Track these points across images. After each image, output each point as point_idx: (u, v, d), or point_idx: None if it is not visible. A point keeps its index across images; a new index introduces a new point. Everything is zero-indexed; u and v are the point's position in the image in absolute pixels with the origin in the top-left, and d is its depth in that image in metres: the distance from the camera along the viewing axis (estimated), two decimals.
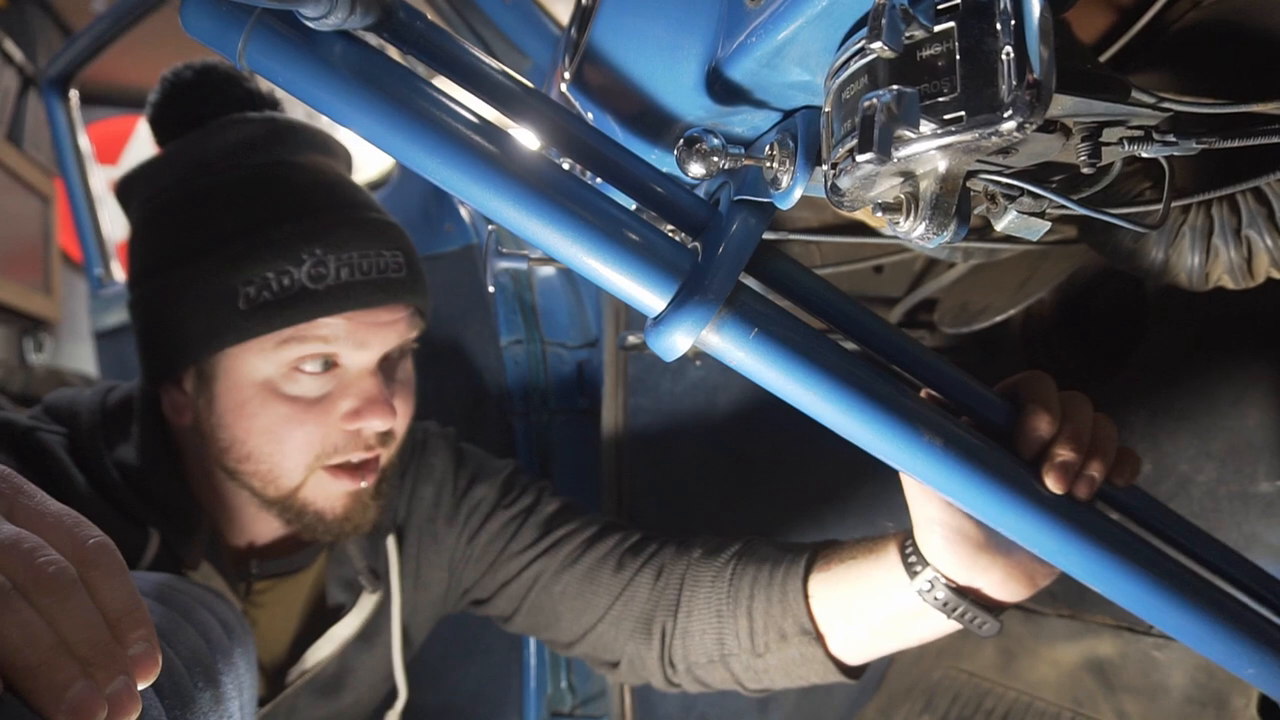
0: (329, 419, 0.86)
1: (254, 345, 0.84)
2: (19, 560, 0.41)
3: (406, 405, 0.93)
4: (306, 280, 0.84)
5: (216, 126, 0.94)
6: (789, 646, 0.86)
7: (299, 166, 0.91)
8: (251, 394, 0.85)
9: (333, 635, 0.98)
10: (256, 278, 0.83)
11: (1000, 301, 1.02)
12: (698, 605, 0.93)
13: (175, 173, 0.92)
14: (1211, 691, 0.96)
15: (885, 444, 0.51)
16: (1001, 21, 0.34)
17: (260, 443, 0.86)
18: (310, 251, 0.84)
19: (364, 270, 0.86)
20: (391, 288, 0.88)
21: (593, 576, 0.99)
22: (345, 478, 0.88)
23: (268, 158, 0.91)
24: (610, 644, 0.98)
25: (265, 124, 0.94)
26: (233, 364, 0.85)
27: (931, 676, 1.28)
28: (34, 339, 3.70)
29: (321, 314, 0.84)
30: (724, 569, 0.93)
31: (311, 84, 0.46)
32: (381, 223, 0.91)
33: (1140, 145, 0.45)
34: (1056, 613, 1.15)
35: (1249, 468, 0.91)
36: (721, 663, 0.92)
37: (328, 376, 0.87)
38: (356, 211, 0.90)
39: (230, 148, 0.91)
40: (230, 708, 0.60)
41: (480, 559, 1.05)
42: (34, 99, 3.56)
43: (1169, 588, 0.54)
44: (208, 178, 0.90)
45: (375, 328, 0.87)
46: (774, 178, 0.48)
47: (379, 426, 0.88)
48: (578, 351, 1.30)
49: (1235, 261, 0.63)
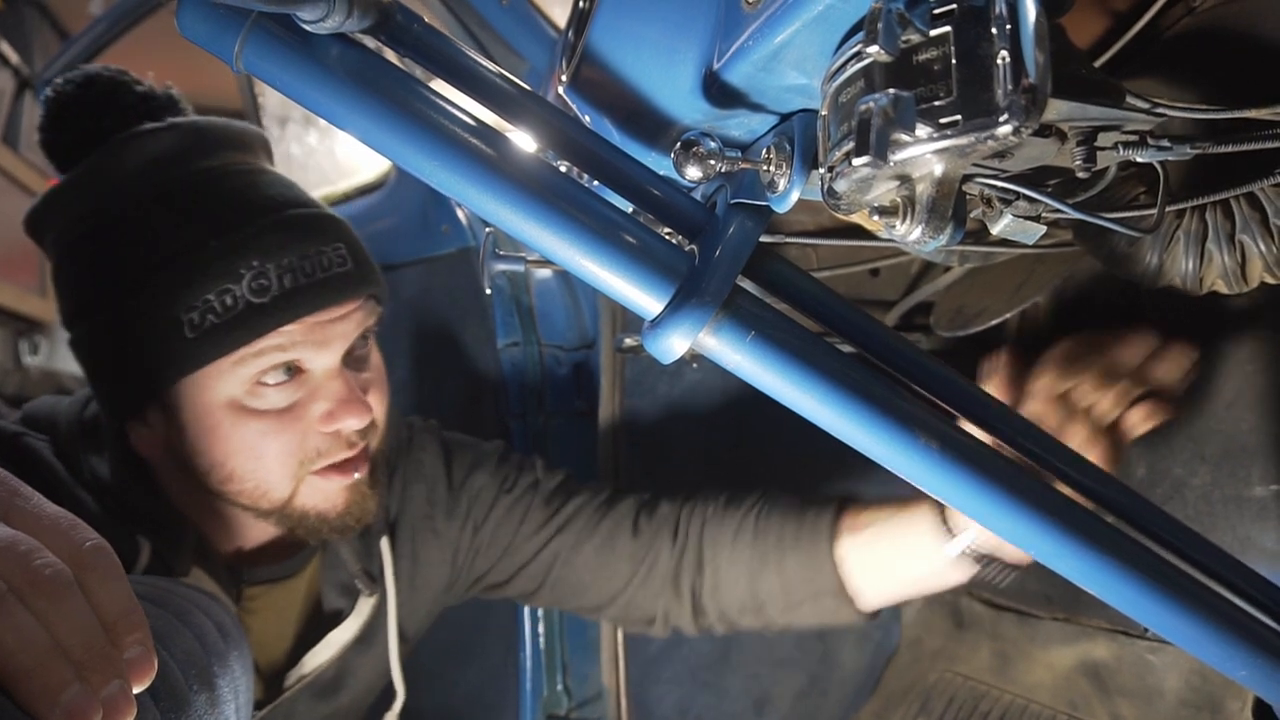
0: (304, 425, 0.84)
1: (211, 369, 0.81)
2: (15, 563, 0.41)
3: (380, 393, 0.92)
4: (250, 295, 0.80)
5: (119, 143, 0.86)
6: (822, 602, 0.93)
7: (216, 173, 0.85)
8: (220, 416, 0.82)
9: (331, 640, 0.98)
10: (198, 303, 0.79)
11: (996, 305, 1.02)
12: (723, 563, 0.97)
13: (84, 202, 0.86)
14: (1206, 695, 0.96)
15: (881, 447, 0.51)
16: (997, 26, 0.34)
17: (240, 462, 0.84)
18: (247, 265, 0.80)
19: (307, 272, 0.82)
20: (338, 284, 0.84)
21: (612, 545, 1.00)
22: (336, 475, 0.87)
23: (181, 170, 0.85)
24: (642, 604, 1.01)
25: (171, 133, 0.87)
26: (194, 390, 0.82)
27: (927, 679, 1.28)
28: (29, 341, 3.69)
29: (272, 326, 0.81)
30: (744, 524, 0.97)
31: (308, 87, 0.46)
32: (314, 217, 0.86)
33: (1135, 150, 0.45)
34: (1052, 616, 1.15)
35: (1243, 472, 0.91)
36: (754, 611, 0.97)
37: (294, 384, 0.84)
38: (286, 211, 0.85)
39: (136, 166, 0.85)
40: (226, 711, 0.60)
41: (491, 546, 1.05)
42: (30, 101, 3.55)
43: (1164, 591, 0.54)
44: (122, 203, 0.84)
45: (330, 326, 0.84)
46: (771, 181, 0.48)
47: (356, 425, 0.86)
48: (574, 354, 1.30)
49: (1229, 266, 0.64)
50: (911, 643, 1.36)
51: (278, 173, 0.91)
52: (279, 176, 0.90)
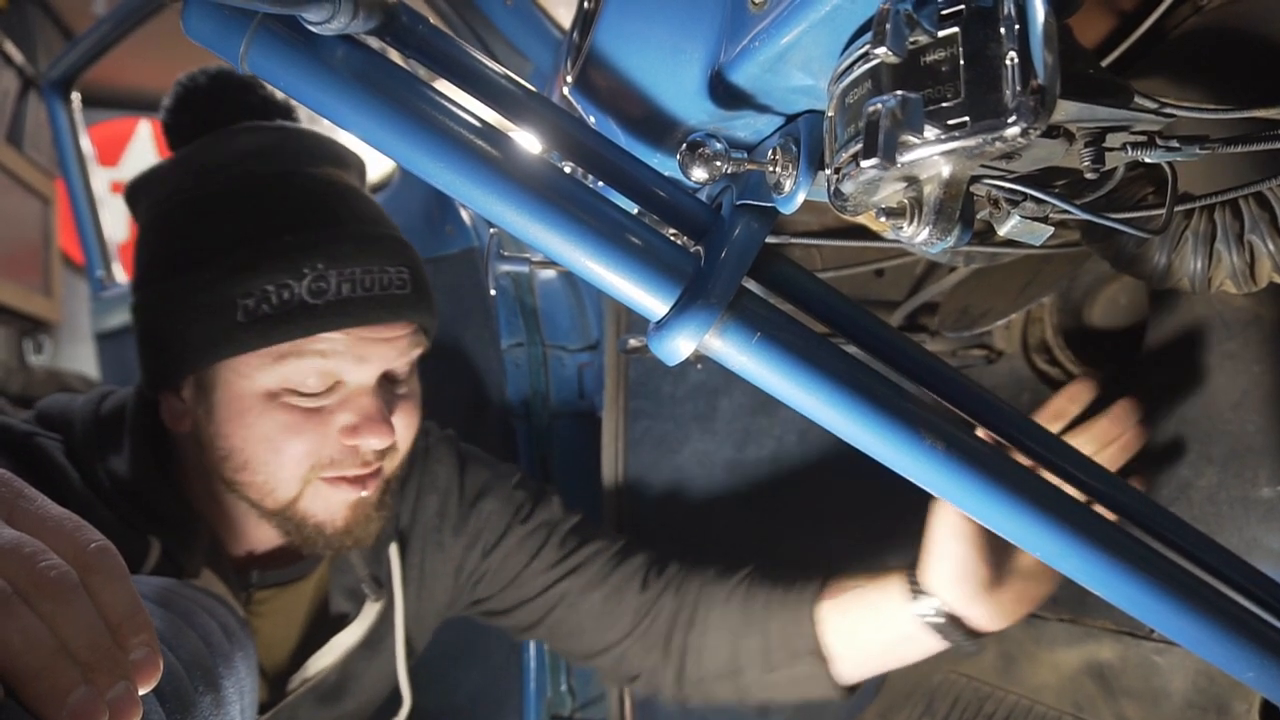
0: (326, 431, 0.85)
1: (253, 358, 0.83)
2: (20, 565, 0.41)
3: (409, 421, 0.92)
4: (306, 295, 0.82)
5: (226, 133, 0.92)
6: (799, 664, 0.94)
7: (306, 177, 0.89)
8: (250, 403, 0.84)
9: (336, 644, 0.98)
10: (255, 290, 0.82)
11: (1001, 305, 1.02)
12: (713, 623, 0.98)
13: (181, 178, 0.91)
14: (1212, 696, 0.95)
15: (887, 448, 0.51)
16: (1005, 27, 0.34)
17: (257, 451, 0.85)
18: (311, 265, 0.82)
19: (366, 286, 0.84)
20: (393, 304, 0.86)
21: (620, 595, 1.01)
22: (345, 487, 0.87)
23: (274, 167, 0.89)
24: (633, 659, 1.01)
25: (275, 132, 0.92)
26: (232, 374, 0.84)
27: (931, 680, 1.28)
28: (34, 340, 3.70)
29: (320, 329, 0.82)
30: (737, 589, 0.98)
31: (314, 88, 0.46)
32: (387, 238, 0.89)
33: (1143, 150, 0.45)
34: (1057, 617, 1.15)
35: (1250, 472, 0.91)
36: (731, 677, 0.97)
37: (327, 392, 0.85)
38: (361, 226, 0.88)
39: (237, 155, 0.90)
40: (231, 712, 0.60)
41: (498, 574, 1.06)
42: (34, 100, 3.56)
43: (1170, 592, 0.54)
44: (212, 185, 0.88)
45: (375, 344, 0.86)
46: (777, 182, 0.48)
47: (376, 445, 0.87)
48: (578, 355, 1.30)
49: (1238, 266, 0.63)
50: None
51: (365, 193, 0.95)
52: (364, 195, 0.93)
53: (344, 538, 0.89)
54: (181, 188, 0.89)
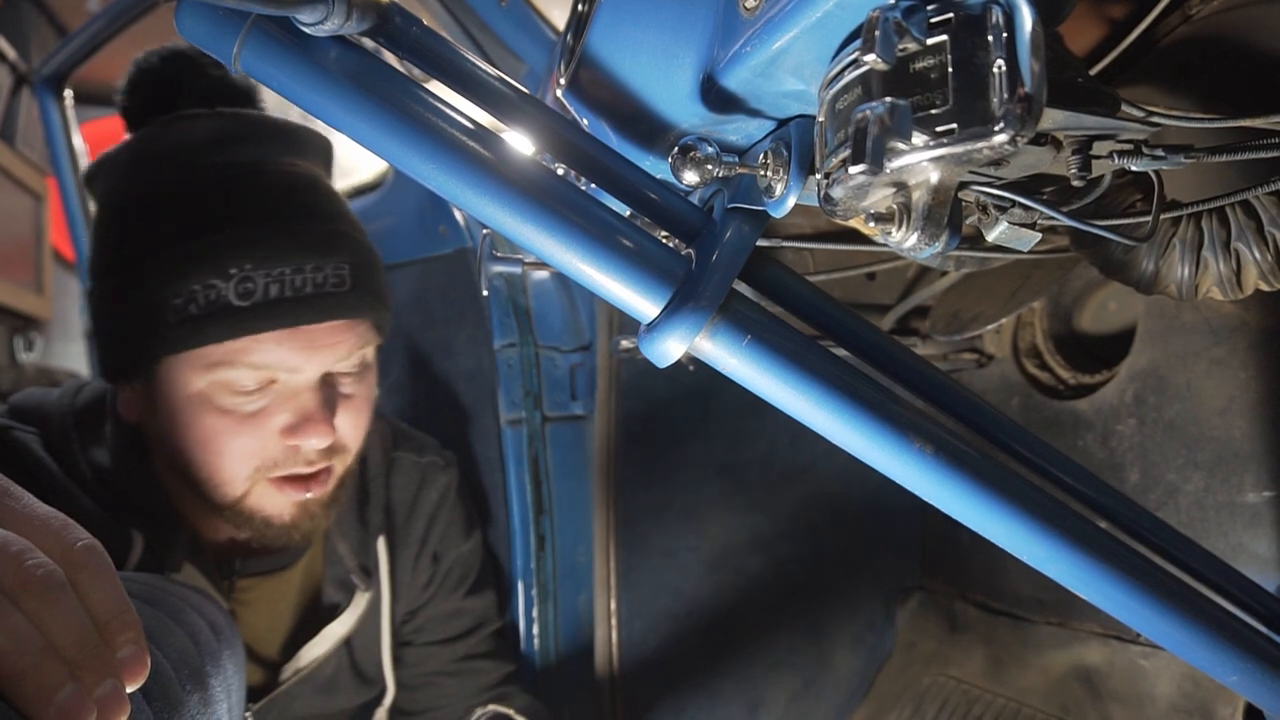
0: (265, 432, 0.84)
1: (187, 359, 0.81)
2: (7, 564, 0.41)
3: (355, 419, 0.90)
4: (233, 297, 0.80)
5: (165, 124, 0.89)
6: None
7: (247, 169, 0.86)
8: (184, 405, 0.83)
9: (328, 633, 0.98)
10: (184, 291, 0.80)
11: (991, 310, 1.03)
12: None
13: (126, 168, 0.89)
14: (1198, 700, 0.96)
15: (875, 450, 0.51)
16: (994, 35, 0.34)
17: (198, 452, 0.84)
18: (239, 265, 0.80)
19: (296, 286, 0.82)
20: (327, 304, 0.84)
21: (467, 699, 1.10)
22: (291, 489, 0.86)
23: (209, 159, 0.85)
24: None
25: (224, 121, 0.88)
26: (169, 374, 0.83)
27: (920, 683, 1.28)
28: (24, 338, 3.68)
29: (247, 332, 0.80)
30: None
31: (307, 89, 0.46)
32: (325, 233, 0.86)
33: (1130, 159, 0.45)
34: (1045, 620, 1.15)
35: (1236, 478, 0.92)
36: None
37: (262, 392, 0.84)
38: (298, 223, 0.84)
39: (179, 147, 0.87)
40: (218, 710, 0.60)
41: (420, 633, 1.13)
42: (26, 97, 3.53)
43: (1156, 595, 0.55)
44: (153, 178, 0.86)
45: (312, 342, 0.84)
46: (768, 186, 0.48)
47: (316, 444, 0.85)
48: (571, 355, 1.30)
49: (1224, 274, 0.64)
50: (905, 646, 1.37)
51: (320, 180, 0.91)
52: (316, 184, 0.89)
53: (290, 531, 0.89)
54: (125, 179, 0.88)
